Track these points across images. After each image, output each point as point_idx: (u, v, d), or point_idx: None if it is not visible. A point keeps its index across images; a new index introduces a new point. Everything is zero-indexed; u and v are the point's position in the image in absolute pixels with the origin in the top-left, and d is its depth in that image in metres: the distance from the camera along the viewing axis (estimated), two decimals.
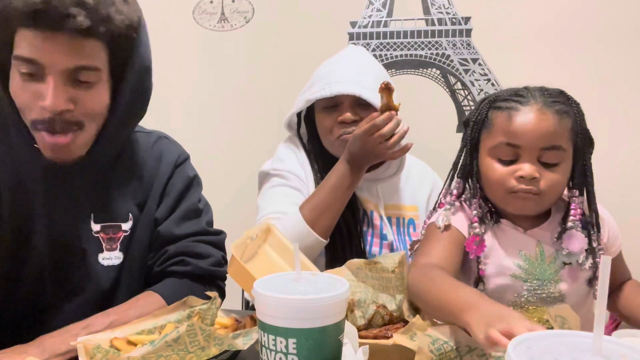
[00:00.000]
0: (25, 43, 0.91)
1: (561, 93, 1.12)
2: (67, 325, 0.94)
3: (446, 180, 1.22)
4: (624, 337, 0.87)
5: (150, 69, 1.06)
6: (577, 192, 1.12)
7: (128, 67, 1.00)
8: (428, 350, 0.76)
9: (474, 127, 1.14)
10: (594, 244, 1.11)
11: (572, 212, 1.11)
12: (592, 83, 1.92)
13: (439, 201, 1.22)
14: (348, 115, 1.37)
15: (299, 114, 1.52)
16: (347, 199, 1.33)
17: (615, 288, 1.22)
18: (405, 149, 1.31)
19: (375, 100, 1.34)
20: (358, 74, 1.39)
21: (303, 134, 1.54)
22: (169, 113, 2.15)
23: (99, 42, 0.95)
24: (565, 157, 1.08)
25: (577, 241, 1.10)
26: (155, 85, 1.09)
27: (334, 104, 1.40)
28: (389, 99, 1.23)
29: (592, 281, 1.13)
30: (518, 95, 1.10)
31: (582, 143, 1.11)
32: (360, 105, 1.38)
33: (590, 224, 1.12)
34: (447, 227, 1.12)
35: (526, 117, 1.06)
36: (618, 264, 1.23)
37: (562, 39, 1.95)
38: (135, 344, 0.87)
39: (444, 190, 1.22)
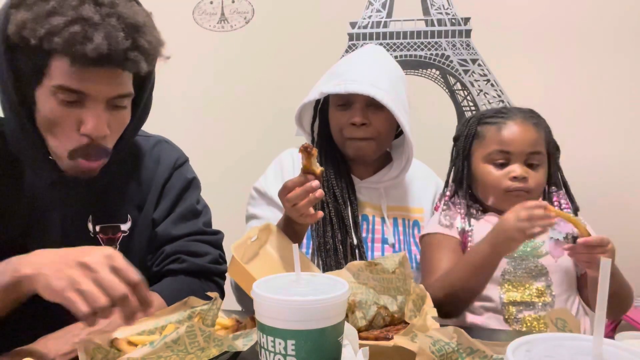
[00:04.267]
0: (69, 75, 0.91)
1: (532, 111, 1.37)
2: (68, 326, 0.94)
3: (444, 189, 1.43)
4: (627, 339, 0.87)
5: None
6: (555, 188, 1.36)
7: (145, 87, 1.04)
8: (429, 351, 0.76)
9: (465, 140, 1.37)
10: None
11: (555, 203, 1.34)
12: (591, 83, 1.93)
13: (434, 205, 1.44)
14: (357, 118, 1.38)
15: (315, 107, 1.52)
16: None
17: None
18: (315, 217, 1.16)
19: (389, 102, 1.35)
20: (373, 75, 1.39)
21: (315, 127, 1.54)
22: (169, 113, 2.15)
23: None
24: (544, 160, 1.32)
25: (567, 224, 1.23)
26: (154, 85, 1.09)
27: (347, 102, 1.41)
28: (307, 162, 1.13)
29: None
30: (502, 113, 1.35)
31: (552, 149, 1.35)
32: (372, 107, 1.38)
33: (576, 211, 1.35)
34: (450, 225, 1.34)
35: (513, 129, 1.30)
36: None
37: (561, 40, 1.95)
38: (135, 345, 0.87)
39: (439, 196, 1.43)
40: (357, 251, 1.40)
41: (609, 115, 1.92)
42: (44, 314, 1.05)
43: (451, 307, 1.21)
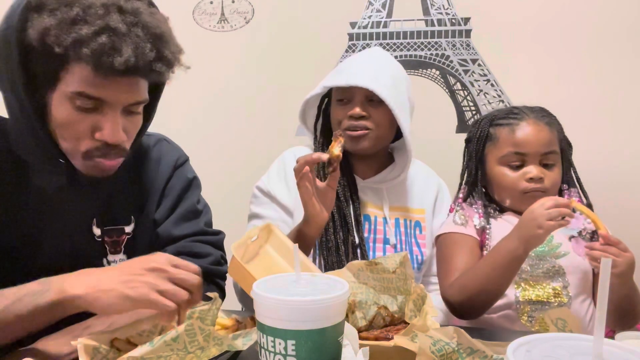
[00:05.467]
0: (90, 82, 0.90)
1: (543, 109, 1.36)
2: (68, 327, 0.93)
3: (458, 191, 1.43)
4: (627, 339, 0.87)
5: None
6: (567, 186, 1.36)
7: (159, 92, 1.06)
8: (429, 351, 0.76)
9: (477, 142, 1.36)
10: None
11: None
12: (590, 83, 1.92)
13: (449, 207, 1.44)
14: (357, 110, 1.40)
15: (318, 107, 1.54)
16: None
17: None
18: (305, 178, 1.19)
19: (387, 97, 1.36)
20: (374, 71, 1.41)
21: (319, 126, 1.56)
22: (169, 114, 2.14)
23: None
24: (558, 159, 1.32)
25: (577, 219, 1.30)
26: None
27: (347, 97, 1.42)
28: (331, 145, 1.19)
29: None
30: (513, 113, 1.34)
31: (565, 146, 1.35)
32: (372, 102, 1.40)
33: (589, 207, 1.33)
34: (465, 224, 1.34)
35: (527, 129, 1.30)
36: None
37: (561, 40, 1.95)
38: (135, 345, 0.87)
39: (453, 198, 1.43)
40: (358, 250, 1.40)
41: (609, 115, 1.92)
42: None
43: (470, 309, 1.21)
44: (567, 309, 1.07)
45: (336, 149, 1.17)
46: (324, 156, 1.16)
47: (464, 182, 1.41)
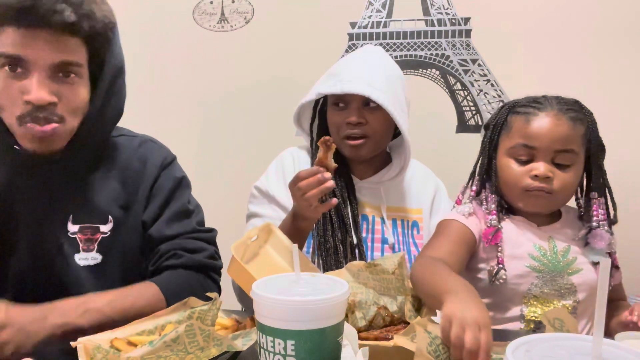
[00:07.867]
0: (9, 40, 0.94)
1: (576, 102, 1.23)
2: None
3: (468, 181, 1.31)
4: (627, 339, 0.87)
5: (124, 69, 1.09)
6: (596, 195, 1.22)
7: (105, 67, 1.04)
8: (426, 352, 0.76)
9: (493, 129, 1.25)
10: (613, 241, 1.22)
11: (594, 212, 1.22)
12: (591, 83, 1.92)
13: (456, 198, 1.32)
14: (354, 118, 1.38)
15: (314, 108, 1.52)
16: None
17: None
18: (328, 205, 1.19)
19: (384, 102, 1.35)
20: (369, 74, 1.39)
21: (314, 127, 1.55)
22: (168, 113, 2.15)
23: (81, 39, 0.99)
24: (577, 160, 1.19)
25: (603, 239, 1.20)
26: (154, 85, 1.09)
27: (343, 101, 1.41)
28: (324, 155, 1.15)
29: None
30: (536, 102, 1.21)
31: (595, 149, 1.21)
32: (368, 106, 1.39)
33: (611, 224, 1.23)
34: (471, 215, 1.22)
35: (543, 122, 1.17)
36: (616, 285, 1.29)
37: (561, 40, 1.95)
38: (135, 345, 0.87)
39: (462, 188, 1.31)
40: (356, 251, 1.40)
41: (610, 115, 1.92)
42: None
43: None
44: (564, 309, 1.04)
45: (331, 161, 1.15)
46: (331, 183, 1.14)
47: (476, 172, 1.30)
